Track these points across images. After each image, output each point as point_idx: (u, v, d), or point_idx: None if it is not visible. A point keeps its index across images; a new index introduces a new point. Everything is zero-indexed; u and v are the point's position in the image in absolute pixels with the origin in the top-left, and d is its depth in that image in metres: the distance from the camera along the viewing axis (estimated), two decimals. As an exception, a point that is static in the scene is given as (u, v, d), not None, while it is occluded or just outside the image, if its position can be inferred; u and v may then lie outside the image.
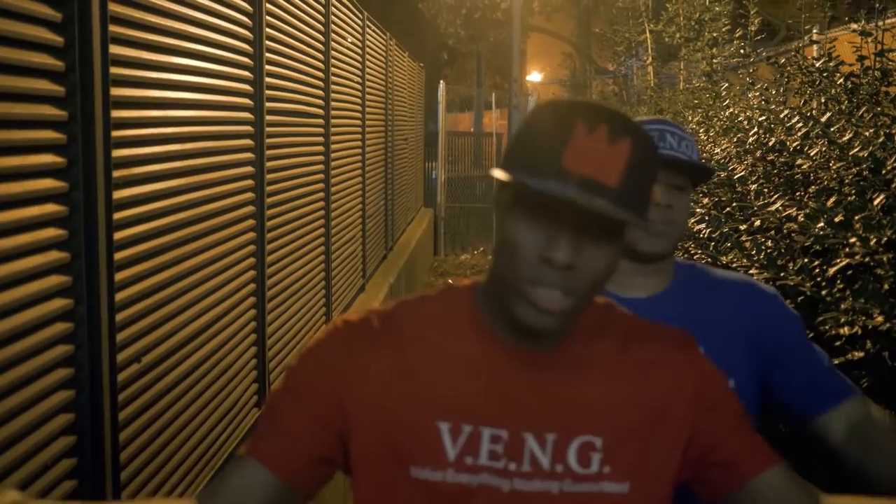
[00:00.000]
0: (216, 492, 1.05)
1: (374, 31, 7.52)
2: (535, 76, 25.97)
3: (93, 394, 1.99)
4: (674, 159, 1.54)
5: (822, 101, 3.28)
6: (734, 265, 2.70)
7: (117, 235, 2.14)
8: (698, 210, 3.63)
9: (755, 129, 3.60)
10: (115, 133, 2.13)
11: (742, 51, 5.86)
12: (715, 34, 7.81)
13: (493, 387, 1.02)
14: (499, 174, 0.95)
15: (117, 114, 2.15)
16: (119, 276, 2.15)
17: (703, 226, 3.33)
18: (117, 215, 2.14)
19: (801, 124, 3.16)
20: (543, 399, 1.02)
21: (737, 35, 6.09)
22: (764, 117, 3.65)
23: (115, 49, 2.14)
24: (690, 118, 5.69)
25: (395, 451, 1.02)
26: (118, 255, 2.14)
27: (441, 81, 15.04)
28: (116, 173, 2.13)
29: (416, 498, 1.01)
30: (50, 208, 1.87)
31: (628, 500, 1.03)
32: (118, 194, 2.15)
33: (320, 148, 4.99)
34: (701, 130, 4.95)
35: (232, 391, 3.10)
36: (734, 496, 1.09)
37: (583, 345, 1.06)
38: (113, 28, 2.11)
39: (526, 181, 0.90)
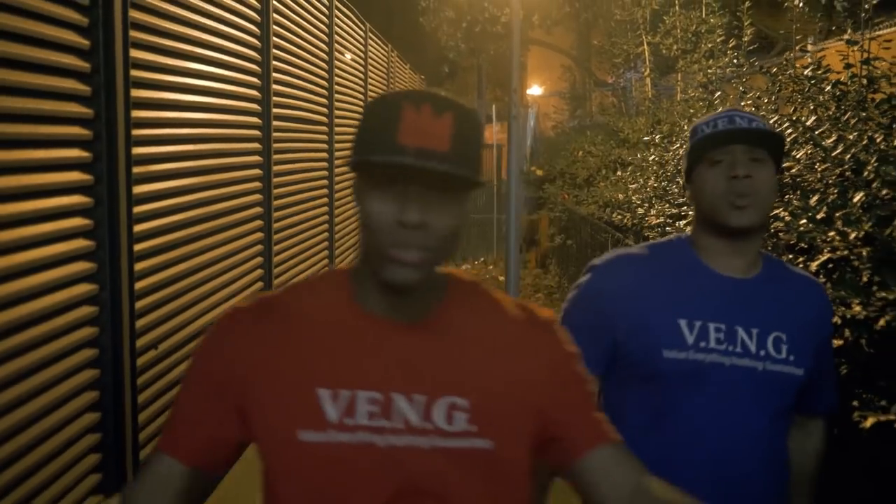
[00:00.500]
0: (134, 487, 1.16)
1: (376, 42, 7.65)
2: (535, 89, 26.10)
3: (115, 375, 2.10)
4: (740, 129, 1.61)
5: (812, 107, 3.40)
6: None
7: (136, 228, 2.26)
8: (691, 213, 3.72)
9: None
10: (135, 132, 2.25)
11: (735, 61, 5.97)
12: (711, 45, 7.92)
13: (366, 355, 1.15)
14: (348, 164, 1.11)
15: (137, 114, 2.27)
16: (138, 266, 2.26)
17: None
18: (137, 209, 2.26)
19: (790, 130, 3.27)
20: (413, 364, 1.15)
21: (730, 45, 6.21)
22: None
23: (135, 53, 2.26)
24: (686, 128, 5.81)
25: (285, 419, 1.13)
26: (137, 247, 2.26)
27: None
28: (136, 169, 2.25)
29: (305, 460, 1.13)
30: (76, 199, 1.99)
31: (492, 456, 1.15)
32: (137, 189, 2.27)
33: (324, 154, 5.11)
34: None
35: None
36: (570, 471, 1.19)
37: (451, 316, 1.19)
38: (133, 33, 2.24)
39: (370, 157, 1.05)
